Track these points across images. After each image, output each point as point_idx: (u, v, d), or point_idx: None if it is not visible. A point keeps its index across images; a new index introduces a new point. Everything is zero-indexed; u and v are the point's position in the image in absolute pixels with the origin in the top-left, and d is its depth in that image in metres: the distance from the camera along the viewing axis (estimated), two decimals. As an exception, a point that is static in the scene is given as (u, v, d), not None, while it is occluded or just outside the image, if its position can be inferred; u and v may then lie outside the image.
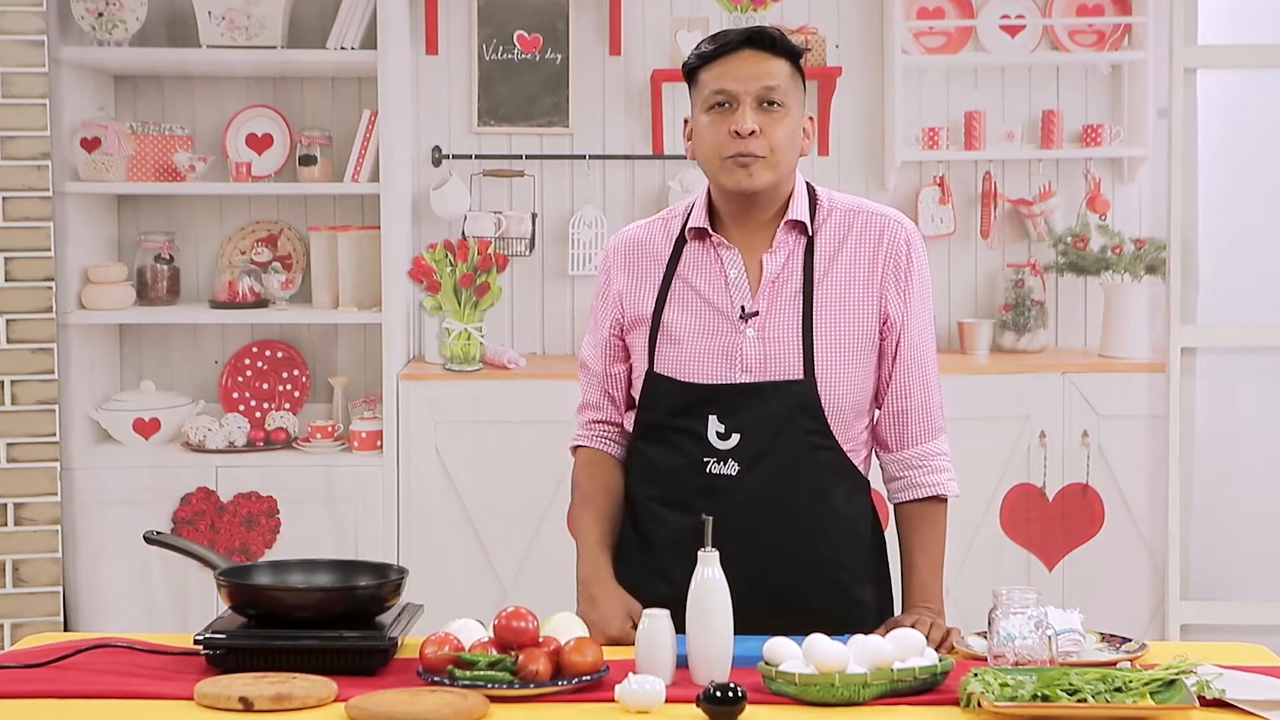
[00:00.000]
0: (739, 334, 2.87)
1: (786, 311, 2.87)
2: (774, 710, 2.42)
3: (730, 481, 2.86)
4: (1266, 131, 4.92)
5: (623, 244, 3.01)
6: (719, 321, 2.88)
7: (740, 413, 2.85)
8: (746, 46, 2.84)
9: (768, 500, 2.85)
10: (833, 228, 2.91)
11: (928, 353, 2.95)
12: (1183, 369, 4.80)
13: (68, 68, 4.79)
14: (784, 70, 2.85)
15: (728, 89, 2.82)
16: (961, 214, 4.91)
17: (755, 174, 2.82)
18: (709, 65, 2.85)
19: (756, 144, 2.81)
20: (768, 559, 2.85)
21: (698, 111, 2.88)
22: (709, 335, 2.88)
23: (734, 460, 2.86)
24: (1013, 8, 4.89)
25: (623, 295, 2.96)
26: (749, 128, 2.80)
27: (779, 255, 2.89)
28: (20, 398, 4.71)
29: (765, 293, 2.88)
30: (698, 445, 2.87)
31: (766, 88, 2.82)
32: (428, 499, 4.82)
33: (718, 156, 2.84)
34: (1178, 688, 2.40)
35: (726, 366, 2.87)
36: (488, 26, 4.89)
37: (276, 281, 4.92)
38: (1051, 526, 4.84)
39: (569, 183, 4.93)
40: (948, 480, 2.96)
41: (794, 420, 2.85)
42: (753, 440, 2.85)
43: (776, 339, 2.86)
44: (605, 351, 3.00)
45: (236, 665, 2.60)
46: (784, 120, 2.83)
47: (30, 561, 4.72)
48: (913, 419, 2.94)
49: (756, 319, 2.87)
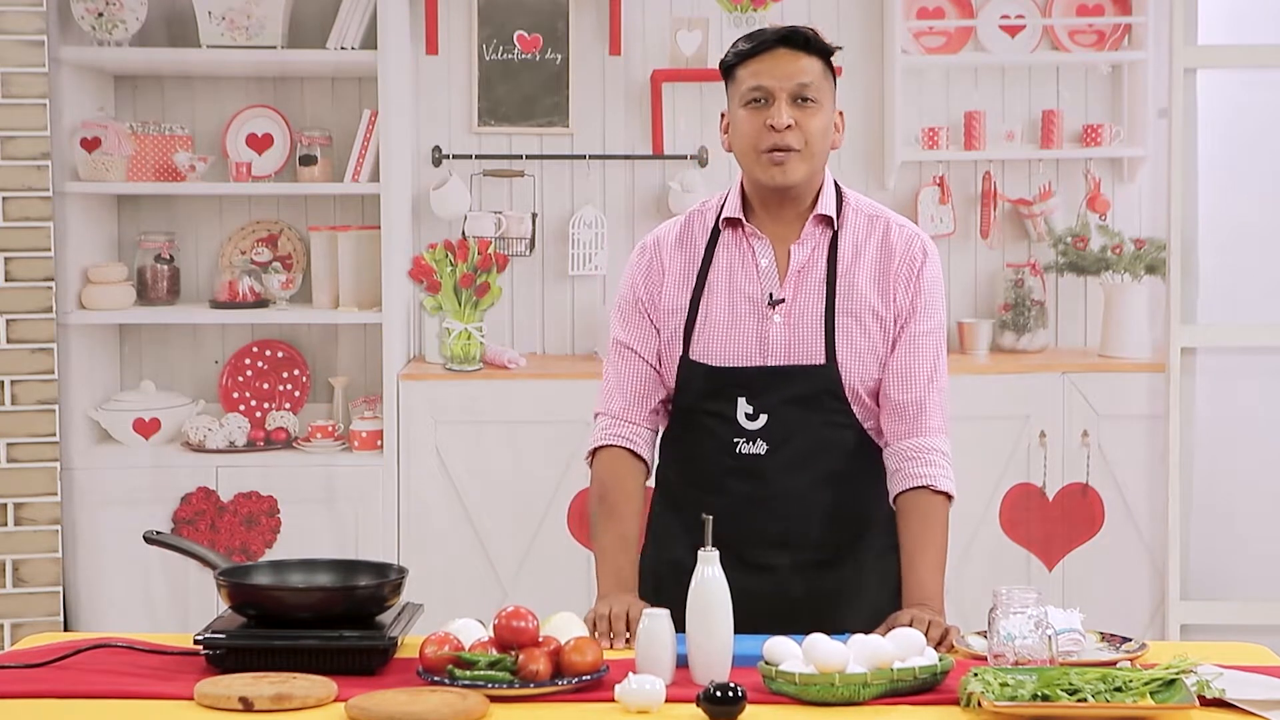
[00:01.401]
0: (767, 320, 2.99)
1: (811, 299, 2.99)
2: (774, 710, 2.42)
3: (759, 460, 2.98)
4: (1266, 131, 4.92)
5: (662, 238, 3.09)
6: (749, 308, 3.00)
7: (767, 394, 2.97)
8: (782, 45, 2.97)
9: (794, 478, 2.98)
10: (857, 227, 3.04)
11: (929, 352, 3.01)
12: (1183, 369, 4.81)
13: (68, 68, 4.79)
14: (817, 68, 2.98)
15: (764, 85, 2.95)
16: (961, 214, 4.91)
17: (789, 170, 2.95)
18: (746, 63, 2.98)
19: (792, 137, 2.94)
20: (795, 531, 2.99)
21: (735, 106, 3.00)
22: (740, 321, 3.00)
23: (762, 439, 2.98)
24: (1013, 8, 4.89)
25: (662, 286, 3.05)
26: (785, 122, 2.93)
27: (806, 246, 3.01)
28: (20, 398, 4.71)
29: (792, 281, 3.00)
30: (728, 427, 2.99)
31: (801, 84, 2.95)
32: (428, 499, 4.82)
33: (754, 150, 2.96)
34: (1178, 687, 2.40)
35: (756, 351, 2.99)
36: (488, 26, 4.89)
37: (277, 281, 4.93)
38: (1051, 526, 4.84)
39: (569, 183, 4.93)
40: (941, 475, 2.97)
41: (818, 401, 2.98)
42: (780, 420, 2.97)
43: (802, 324, 2.98)
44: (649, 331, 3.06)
45: (236, 665, 2.60)
46: (817, 115, 2.96)
47: (30, 561, 4.72)
48: (908, 414, 2.99)
49: (783, 306, 2.99)
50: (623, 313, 3.09)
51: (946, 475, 2.98)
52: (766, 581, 2.96)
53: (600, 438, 3.06)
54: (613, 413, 3.06)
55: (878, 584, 3.02)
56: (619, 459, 3.04)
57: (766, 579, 2.97)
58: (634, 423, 3.05)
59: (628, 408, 3.05)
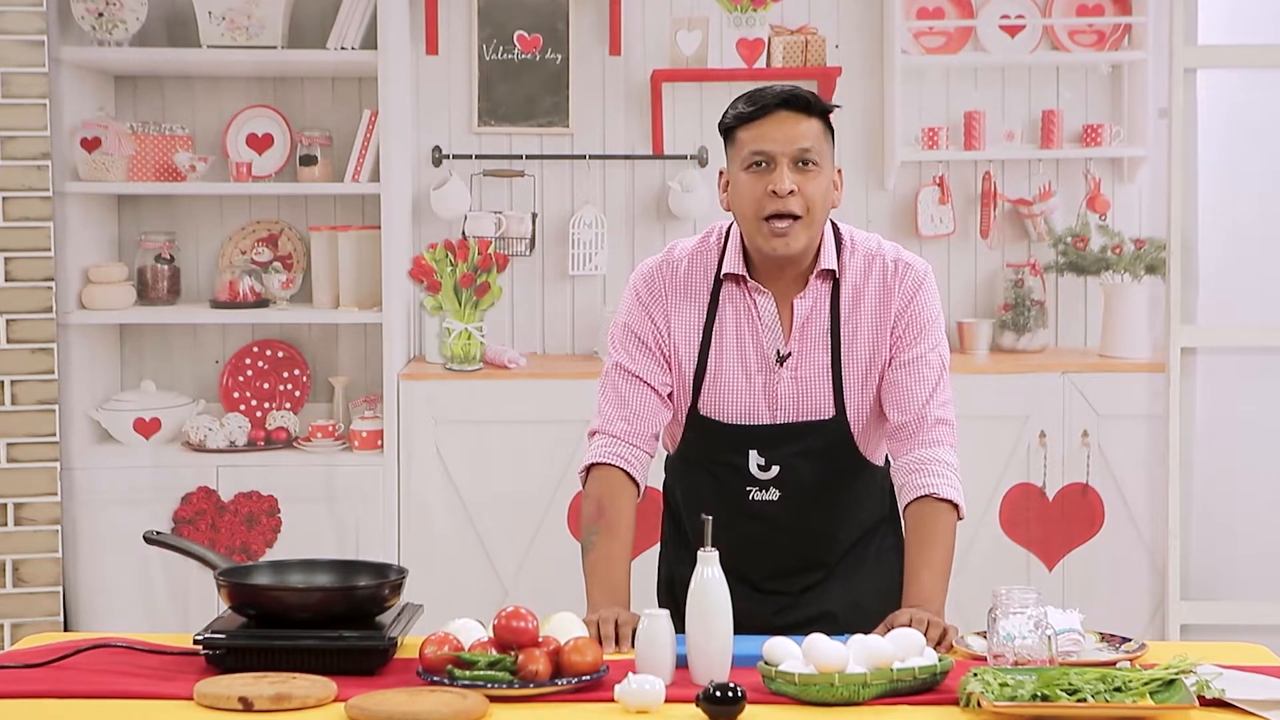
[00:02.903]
0: (775, 376, 3.01)
1: (816, 352, 3.01)
2: (774, 710, 2.42)
3: (772, 506, 3.04)
4: (1266, 131, 4.91)
5: (666, 275, 3.07)
6: (757, 363, 3.02)
7: (779, 448, 3.01)
8: (783, 108, 2.96)
9: (806, 517, 3.03)
10: (856, 268, 3.05)
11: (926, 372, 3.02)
12: (1183, 369, 4.80)
13: (68, 68, 4.79)
14: (816, 129, 2.97)
15: (766, 150, 2.95)
16: (961, 214, 4.91)
17: (792, 240, 2.96)
18: (746, 125, 2.97)
19: (794, 203, 2.94)
20: (808, 559, 3.06)
21: (735, 169, 2.99)
22: (748, 378, 3.02)
23: (775, 487, 3.03)
24: (1013, 8, 4.89)
25: (669, 327, 3.05)
26: (787, 188, 2.93)
27: (809, 298, 3.02)
28: (20, 398, 4.71)
29: (797, 335, 3.02)
30: (739, 477, 3.04)
31: (802, 149, 2.95)
32: (428, 499, 4.82)
33: (756, 216, 2.96)
34: (1177, 688, 2.40)
35: (765, 409, 3.01)
36: (488, 26, 4.89)
37: (277, 281, 4.93)
38: (1051, 526, 4.84)
39: (569, 183, 4.93)
40: (944, 484, 2.97)
41: (830, 453, 3.02)
42: (792, 470, 3.02)
43: (809, 379, 3.01)
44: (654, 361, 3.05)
45: (236, 665, 2.60)
46: (818, 178, 2.96)
47: (30, 561, 4.72)
48: (910, 430, 3.01)
49: (790, 360, 3.01)
50: (627, 341, 3.07)
51: (950, 484, 2.98)
52: (780, 601, 3.07)
53: (598, 455, 3.05)
54: (614, 434, 3.05)
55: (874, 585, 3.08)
56: (616, 477, 3.04)
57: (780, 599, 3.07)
58: (634, 445, 3.05)
59: (630, 431, 3.04)
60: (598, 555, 3.00)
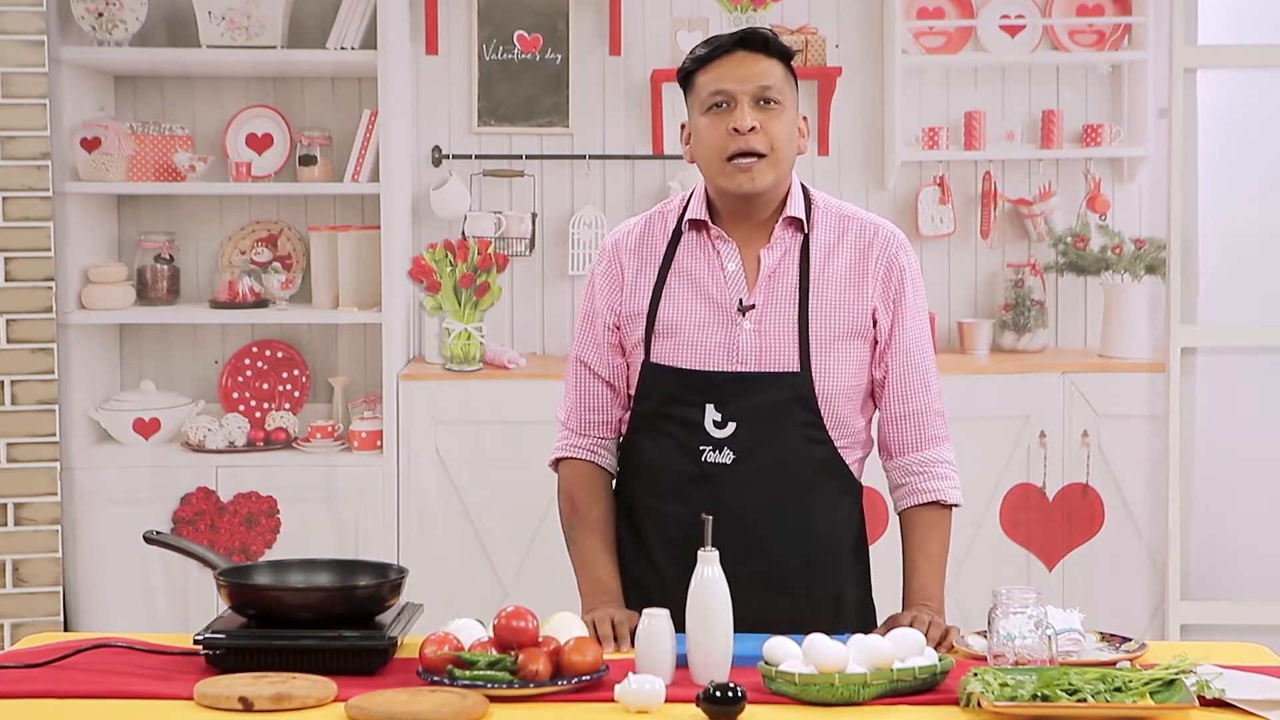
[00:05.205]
0: (736, 327, 2.90)
1: (783, 306, 2.91)
2: (774, 710, 2.42)
3: (724, 470, 2.90)
4: (1266, 131, 4.92)
5: (620, 240, 3.03)
6: (716, 314, 2.92)
7: (737, 401, 2.89)
8: (740, 48, 2.88)
9: (759, 490, 2.89)
10: (827, 228, 2.96)
11: (923, 359, 2.98)
12: (1183, 369, 4.80)
13: (68, 68, 4.79)
14: (778, 70, 2.89)
15: (725, 89, 2.87)
16: (961, 214, 4.91)
17: (757, 176, 2.87)
18: (705, 68, 2.89)
19: (757, 140, 2.85)
20: (755, 546, 2.89)
21: (695, 114, 2.92)
22: (707, 327, 2.91)
23: (729, 449, 2.89)
24: (1013, 8, 4.89)
25: (621, 290, 2.99)
26: (749, 124, 2.84)
27: (776, 251, 2.93)
28: (20, 398, 4.71)
29: (763, 287, 2.91)
30: (694, 434, 2.91)
31: (762, 86, 2.86)
32: (428, 499, 4.82)
33: (719, 157, 2.87)
34: (1177, 687, 2.40)
35: (724, 357, 2.90)
36: (488, 26, 4.89)
37: (276, 281, 4.93)
38: (1051, 526, 4.84)
39: (569, 183, 4.93)
40: (949, 488, 2.96)
41: (789, 411, 2.89)
42: (748, 429, 2.89)
43: (773, 332, 2.90)
44: (605, 346, 3.01)
45: (236, 665, 2.60)
46: (781, 117, 2.87)
47: (30, 561, 4.72)
48: (910, 425, 2.97)
49: (754, 312, 2.90)
50: (581, 326, 3.05)
51: (955, 486, 2.97)
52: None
53: (562, 450, 3.04)
54: (572, 428, 3.04)
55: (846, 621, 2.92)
56: (583, 469, 3.02)
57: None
58: (595, 435, 3.02)
59: (588, 423, 3.02)
60: (580, 550, 2.99)
